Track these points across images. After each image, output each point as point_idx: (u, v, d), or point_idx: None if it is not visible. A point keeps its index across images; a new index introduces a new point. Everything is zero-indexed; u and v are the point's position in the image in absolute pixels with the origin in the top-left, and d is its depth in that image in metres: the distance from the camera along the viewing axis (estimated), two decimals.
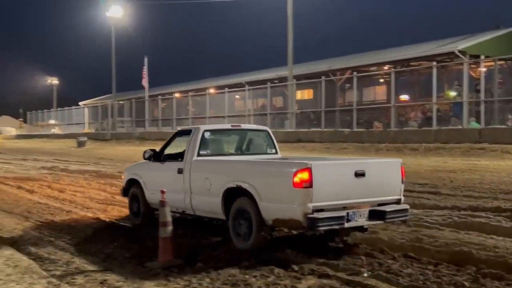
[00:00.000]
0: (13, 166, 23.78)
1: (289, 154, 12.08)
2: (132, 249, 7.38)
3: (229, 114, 35.00)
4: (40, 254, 7.20)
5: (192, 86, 48.45)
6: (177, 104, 41.12)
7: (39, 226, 9.32)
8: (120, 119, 48.42)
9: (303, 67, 37.51)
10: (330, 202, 6.49)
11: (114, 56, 48.06)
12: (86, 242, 8.00)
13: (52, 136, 56.22)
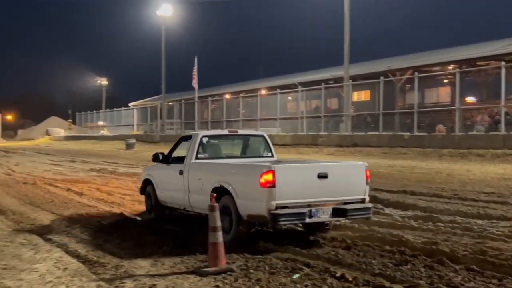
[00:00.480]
0: (62, 168, 23.59)
1: (339, 158, 11.21)
2: (181, 254, 7.07)
3: (281, 116, 33.86)
4: (90, 257, 7.00)
5: (243, 87, 47.66)
6: (227, 105, 40.23)
7: (88, 229, 9.04)
8: (169, 120, 47.97)
9: (360, 67, 36.14)
10: (294, 200, 7.22)
11: (164, 56, 47.70)
12: (135, 246, 7.70)
13: (101, 138, 56.44)
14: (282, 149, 29.04)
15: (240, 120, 37.72)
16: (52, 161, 28.70)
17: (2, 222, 9.68)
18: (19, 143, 69.21)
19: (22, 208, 11.58)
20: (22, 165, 25.41)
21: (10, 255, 7.07)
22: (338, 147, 26.83)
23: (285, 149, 29.01)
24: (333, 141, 27.81)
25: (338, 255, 6.70)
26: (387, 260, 6.51)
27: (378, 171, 18.02)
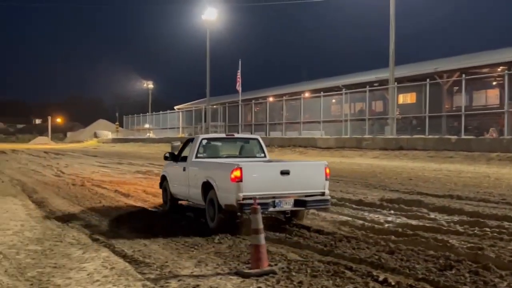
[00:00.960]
0: (109, 170, 24.06)
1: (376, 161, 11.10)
2: (225, 255, 7.14)
3: (324, 119, 33.65)
4: (136, 257, 7.09)
5: (286, 90, 47.60)
6: (270, 108, 40.26)
7: (135, 230, 9.19)
8: (213, 123, 48.32)
9: (405, 69, 35.60)
10: (259, 192, 8.41)
11: (208, 59, 48.23)
12: (180, 247, 7.76)
13: (147, 140, 57.36)
14: (325, 152, 28.90)
15: (283, 123, 37.69)
16: (100, 163, 29.35)
17: (52, 222, 9.94)
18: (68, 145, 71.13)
19: (71, 208, 11.89)
20: (71, 166, 26.09)
21: (60, 254, 7.26)
22: (383, 150, 26.50)
23: (329, 152, 28.84)
24: (378, 144, 27.47)
25: (381, 259, 6.63)
26: (431, 265, 6.40)
27: (423, 175, 17.75)
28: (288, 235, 8.27)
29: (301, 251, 7.28)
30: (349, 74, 46.23)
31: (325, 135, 32.67)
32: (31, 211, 11.33)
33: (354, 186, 14.91)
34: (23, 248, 7.60)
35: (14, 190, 15.38)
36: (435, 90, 28.92)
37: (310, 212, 10.29)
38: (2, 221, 9.89)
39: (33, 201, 13.15)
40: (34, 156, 37.14)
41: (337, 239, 7.85)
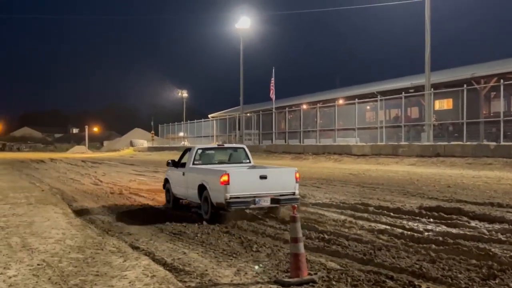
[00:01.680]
0: (146, 178, 24.34)
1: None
2: (264, 263, 7.16)
3: (359, 126, 33.40)
4: (176, 265, 7.17)
5: (320, 97, 47.46)
6: (304, 116, 40.17)
7: (173, 238, 9.32)
8: (247, 131, 48.49)
9: (441, 74, 35.07)
10: (243, 193, 10.62)
11: (242, 68, 48.44)
12: (218, 255, 7.80)
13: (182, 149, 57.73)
14: (361, 160, 28.66)
15: (317, 130, 37.55)
16: (136, 171, 29.72)
17: (92, 231, 10.11)
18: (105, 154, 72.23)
19: (110, 217, 12.08)
20: (108, 175, 26.50)
21: (101, 262, 7.37)
22: (419, 157, 26.15)
23: (364, 159, 28.59)
24: (414, 151, 27.11)
25: (422, 268, 6.54)
26: (474, 274, 6.30)
27: (462, 182, 17.43)
28: (327, 244, 8.22)
29: (340, 260, 7.23)
30: (383, 81, 45.82)
31: (360, 142, 32.41)
32: (71, 220, 11.53)
33: (391, 194, 14.74)
34: (65, 256, 7.74)
35: (54, 199, 15.69)
36: (473, 95, 28.43)
37: (348, 221, 10.26)
38: (44, 230, 10.11)
39: (73, 209, 13.40)
40: (72, 165, 37.82)
41: (376, 248, 7.77)
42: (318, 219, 10.68)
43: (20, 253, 8.00)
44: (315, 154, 33.80)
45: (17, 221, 11.14)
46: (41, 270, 6.91)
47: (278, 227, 9.91)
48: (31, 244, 8.70)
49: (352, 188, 16.77)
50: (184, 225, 10.54)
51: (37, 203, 14.38)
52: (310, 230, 9.29)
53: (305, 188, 17.12)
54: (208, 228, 10.08)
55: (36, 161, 46.26)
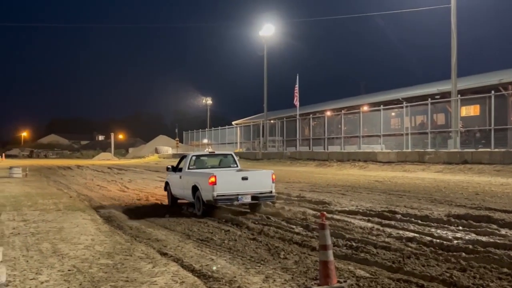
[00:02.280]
0: None
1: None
2: (292, 271, 7.10)
3: (384, 133, 33.14)
4: (204, 271, 7.17)
5: (345, 104, 47.23)
6: (328, 122, 40.05)
7: (200, 244, 9.35)
8: (271, 138, 48.48)
9: (468, 80, 34.63)
10: (227, 192, 12.64)
11: (266, 75, 48.52)
12: (246, 262, 7.79)
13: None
14: (386, 167, 28.44)
15: (342, 137, 37.38)
16: (162, 178, 29.76)
17: (121, 237, 10.22)
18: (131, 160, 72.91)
19: (138, 223, 12.17)
20: (134, 182, 26.74)
21: (130, 268, 7.45)
22: (446, 164, 25.83)
23: (390, 166, 28.36)
24: (441, 158, 26.79)
25: (453, 277, 6.46)
26: (506, 283, 6.20)
27: (490, 190, 17.18)
28: (355, 251, 8.17)
29: (369, 268, 7.17)
30: (409, 87, 45.43)
31: (385, 149, 32.16)
32: (99, 226, 11.68)
33: (418, 202, 14.59)
34: (95, 262, 7.84)
35: (82, 205, 15.91)
36: (500, 102, 27.98)
37: (375, 228, 10.20)
38: (73, 235, 10.26)
39: (100, 215, 13.56)
40: (99, 172, 38.26)
41: (405, 256, 7.70)
42: (345, 226, 10.62)
43: (51, 258, 8.13)
44: (339, 161, 33.64)
45: (47, 227, 11.34)
46: (72, 275, 7.02)
47: (305, 234, 9.88)
48: (61, 249, 8.84)
49: (378, 195, 16.64)
50: (211, 232, 10.58)
51: (66, 209, 14.61)
52: (337, 237, 9.24)
53: (330, 195, 17.06)
54: (235, 235, 10.10)
55: (63, 167, 46.95)
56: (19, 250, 8.85)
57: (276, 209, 13.55)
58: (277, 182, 23.96)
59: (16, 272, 7.20)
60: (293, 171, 31.35)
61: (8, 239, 9.87)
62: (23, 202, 16.70)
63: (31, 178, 30.44)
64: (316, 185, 21.53)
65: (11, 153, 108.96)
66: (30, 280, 6.78)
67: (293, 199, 16.02)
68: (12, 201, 16.85)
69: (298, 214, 12.64)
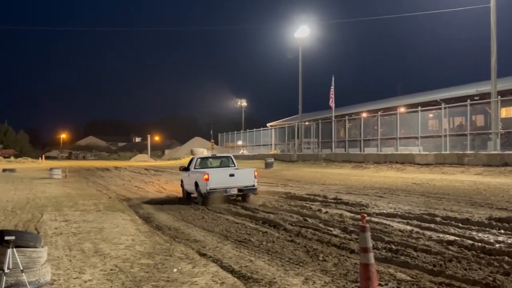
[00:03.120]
0: None
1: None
2: (332, 273, 7.08)
3: (422, 135, 32.64)
4: (243, 272, 7.21)
5: (381, 105, 46.74)
6: (364, 124, 39.67)
7: (239, 246, 9.39)
8: (306, 140, 48.30)
9: (508, 81, 33.88)
10: (218, 186, 15.86)
11: (301, 76, 48.35)
12: (285, 263, 7.78)
13: (241, 157, 58.25)
14: (424, 169, 28.02)
15: (378, 139, 37.01)
16: None
17: (160, 237, 10.36)
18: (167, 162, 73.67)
19: (176, 224, 12.35)
20: (171, 183, 27.01)
21: (171, 268, 7.54)
22: (486, 167, 25.27)
23: (428, 168, 27.93)
24: (481, 160, 26.24)
25: (496, 281, 6.34)
26: None
27: None
28: (394, 254, 8.09)
29: (410, 271, 7.09)
30: (447, 88, 44.69)
31: (423, 151, 31.69)
32: (139, 226, 11.87)
33: (458, 204, 14.35)
34: (136, 262, 7.97)
35: (121, 206, 16.18)
36: None
37: (415, 231, 10.10)
38: (114, 236, 10.45)
39: (140, 216, 13.78)
40: (136, 173, 38.82)
41: (446, 259, 7.59)
42: (384, 229, 10.52)
43: (93, 258, 8.30)
44: (376, 163, 33.31)
45: (88, 227, 11.57)
46: (114, 275, 7.15)
47: (343, 237, 9.83)
48: (103, 249, 9.02)
49: (417, 198, 16.43)
50: (249, 233, 10.63)
51: (106, 210, 14.88)
52: (376, 240, 9.16)
53: (367, 197, 16.92)
54: (273, 237, 10.12)
55: (101, 169, 47.81)
56: (62, 249, 9.06)
57: (312, 211, 13.53)
58: (313, 184, 24.03)
59: (60, 271, 7.38)
60: (329, 173, 31.20)
61: (51, 239, 10.10)
62: (64, 202, 17.08)
63: (70, 179, 31.10)
64: (353, 187, 21.39)
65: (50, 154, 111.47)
66: (74, 279, 6.94)
67: (329, 201, 15.95)
68: (54, 202, 17.25)
69: (335, 216, 12.59)
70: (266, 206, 15.20)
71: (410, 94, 49.81)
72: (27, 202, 17.17)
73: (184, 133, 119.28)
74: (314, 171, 33.94)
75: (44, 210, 14.79)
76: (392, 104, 44.22)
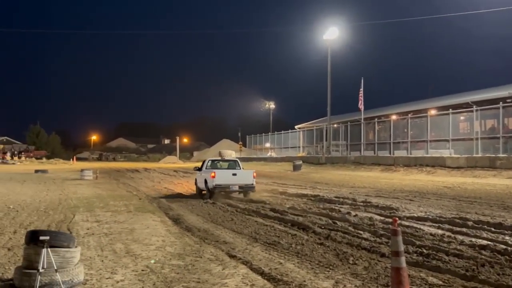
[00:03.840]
0: None
1: None
2: (362, 276, 7.05)
3: (453, 138, 32.20)
4: (273, 275, 7.18)
5: (411, 107, 46.21)
6: (394, 126, 39.32)
7: (268, 248, 9.35)
8: (334, 142, 48.09)
9: None
10: (223, 183, 18.79)
11: (330, 78, 48.15)
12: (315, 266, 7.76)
13: (269, 159, 58.32)
14: (455, 172, 27.64)
15: (408, 141, 36.63)
16: None
17: (190, 238, 10.44)
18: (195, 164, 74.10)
19: (206, 225, 12.41)
20: None
21: (201, 269, 7.59)
22: None
23: (459, 172, 27.56)
24: None
25: None
26: None
27: None
28: (426, 259, 8.01)
29: (441, 275, 7.01)
30: (478, 90, 43.97)
31: (454, 154, 31.25)
32: (169, 227, 11.97)
33: (490, 209, 14.13)
34: (167, 263, 8.04)
35: (151, 207, 16.35)
36: None
37: (446, 235, 9.97)
38: (145, 237, 10.56)
39: (169, 217, 13.88)
40: (165, 175, 39.14)
41: (479, 264, 7.48)
42: (414, 233, 10.42)
43: (125, 258, 8.40)
44: (406, 166, 32.99)
45: (119, 228, 11.72)
46: (145, 275, 7.23)
47: (373, 240, 9.76)
48: (134, 250, 9.12)
49: (448, 201, 16.22)
50: (278, 235, 10.62)
51: (136, 211, 15.05)
52: (407, 244, 9.06)
53: (397, 200, 16.77)
54: (302, 239, 10.10)
55: (131, 170, 48.34)
56: (94, 250, 9.19)
57: (342, 214, 13.47)
58: (342, 186, 23.92)
59: (92, 271, 7.48)
60: (358, 176, 31.00)
61: (83, 239, 10.26)
62: (95, 203, 17.33)
63: (101, 180, 31.54)
64: (382, 190, 21.21)
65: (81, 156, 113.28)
66: (106, 279, 7.03)
67: (359, 204, 15.86)
68: (85, 203, 17.51)
69: (365, 219, 12.51)
70: (295, 209, 15.16)
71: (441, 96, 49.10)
72: (59, 202, 17.46)
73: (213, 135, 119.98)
74: (343, 173, 33.76)
75: (76, 211, 15.02)
76: (422, 107, 43.68)
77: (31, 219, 13.16)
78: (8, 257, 8.34)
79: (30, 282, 6.15)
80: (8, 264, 7.77)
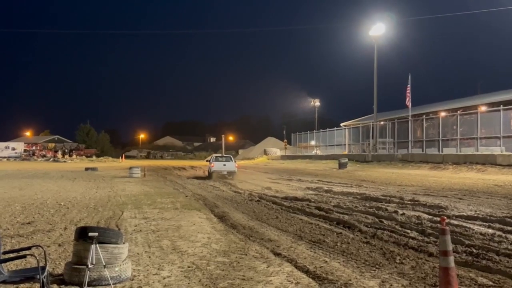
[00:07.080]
0: (281, 186, 24.75)
1: None
2: (409, 276, 6.94)
3: (504, 135, 31.25)
4: (318, 273, 7.13)
5: (460, 104, 45.13)
6: (442, 123, 38.45)
7: (313, 246, 9.32)
8: (381, 140, 47.40)
9: None
10: (218, 169, 31.69)
11: (376, 75, 47.46)
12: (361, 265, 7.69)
13: (314, 157, 58.01)
14: (507, 170, 26.82)
15: (457, 139, 35.78)
16: (271, 179, 30.39)
17: (235, 236, 10.50)
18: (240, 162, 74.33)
19: (251, 223, 12.45)
20: (245, 182, 27.36)
21: (246, 267, 7.63)
22: None
23: (510, 170, 26.73)
24: None
25: None
26: None
27: None
28: (475, 258, 7.82)
29: (492, 276, 6.84)
30: None
31: (506, 151, 30.34)
32: (214, 224, 12.07)
33: None
34: (212, 260, 8.12)
35: (197, 204, 16.52)
36: None
37: (497, 235, 9.70)
38: (191, 234, 10.69)
39: (215, 214, 14.00)
40: None
41: None
42: (464, 232, 10.18)
43: (171, 255, 8.52)
44: (455, 164, 32.23)
45: (166, 225, 11.90)
46: (191, 272, 7.31)
47: (421, 239, 9.59)
48: (180, 247, 9.24)
49: (499, 200, 15.78)
50: (323, 234, 10.57)
51: (183, 208, 15.25)
52: (456, 243, 8.87)
53: (446, 199, 16.43)
54: (348, 238, 10.03)
55: (178, 168, 49.05)
56: (142, 246, 9.35)
57: (388, 212, 13.27)
58: (388, 184, 23.60)
59: (140, 267, 7.62)
60: (405, 174, 30.49)
61: (131, 236, 10.46)
62: (143, 200, 17.64)
63: (149, 178, 32.11)
64: (430, 188, 20.82)
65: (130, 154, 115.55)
66: (153, 275, 7.15)
67: (406, 203, 15.61)
68: (133, 200, 17.86)
69: (412, 218, 12.31)
70: (340, 207, 15.04)
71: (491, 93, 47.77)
72: (108, 200, 17.86)
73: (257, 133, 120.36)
74: (390, 171, 33.26)
75: (124, 208, 15.33)
76: (471, 103, 42.62)
77: (81, 215, 13.51)
78: (59, 252, 8.59)
79: (80, 277, 6.32)
80: (59, 259, 8.00)
